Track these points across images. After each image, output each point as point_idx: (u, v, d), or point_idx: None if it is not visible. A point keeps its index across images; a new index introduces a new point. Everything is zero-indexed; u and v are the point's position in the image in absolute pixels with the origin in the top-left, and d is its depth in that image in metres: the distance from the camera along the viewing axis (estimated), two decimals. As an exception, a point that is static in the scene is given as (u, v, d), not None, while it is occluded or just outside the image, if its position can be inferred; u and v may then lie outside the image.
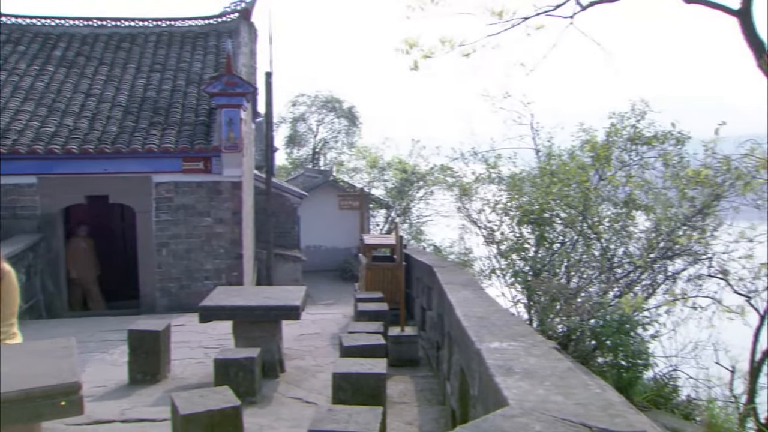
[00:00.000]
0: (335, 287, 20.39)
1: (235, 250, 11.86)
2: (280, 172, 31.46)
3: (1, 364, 3.22)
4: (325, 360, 6.96)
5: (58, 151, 11.22)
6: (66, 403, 3.00)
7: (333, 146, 37.66)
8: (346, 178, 26.11)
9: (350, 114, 36.76)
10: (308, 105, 37.17)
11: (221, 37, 15.30)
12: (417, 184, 24.32)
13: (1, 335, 3.81)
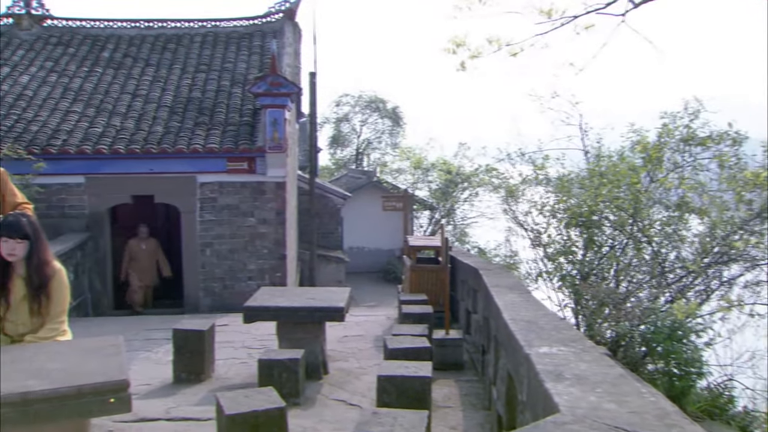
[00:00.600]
0: (378, 289, 20.44)
1: (279, 251, 11.98)
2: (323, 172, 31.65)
3: (53, 360, 3.32)
4: (368, 362, 6.97)
5: (106, 151, 11.49)
6: (115, 401, 3.07)
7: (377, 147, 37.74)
8: (390, 179, 26.19)
9: (394, 114, 36.78)
10: (352, 105, 37.32)
11: (266, 38, 15.48)
12: (461, 186, 24.26)
13: (51, 332, 3.92)
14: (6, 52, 14.74)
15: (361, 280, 20.68)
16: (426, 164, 25.59)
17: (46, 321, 3.94)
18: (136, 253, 12.26)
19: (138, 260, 12.23)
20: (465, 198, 24.81)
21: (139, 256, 12.25)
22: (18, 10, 15.63)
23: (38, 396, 2.92)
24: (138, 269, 12.19)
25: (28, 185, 10.04)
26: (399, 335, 6.21)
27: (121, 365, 3.28)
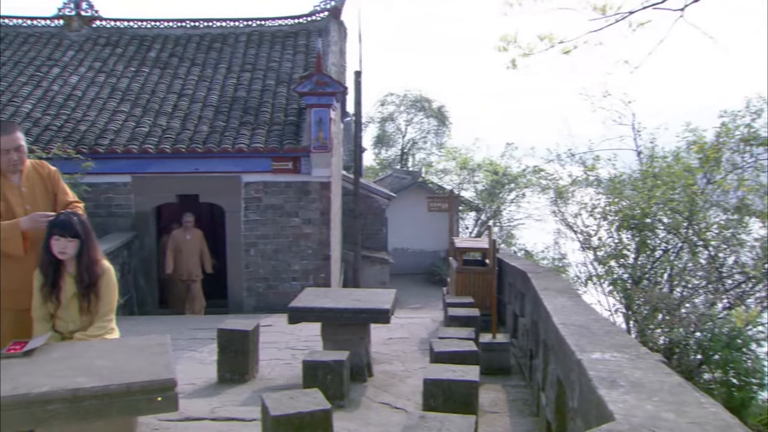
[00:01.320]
0: (423, 291, 20.42)
1: (323, 251, 12.06)
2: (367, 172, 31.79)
3: (102, 358, 3.40)
4: (413, 365, 6.96)
5: (152, 150, 11.73)
6: (162, 399, 3.13)
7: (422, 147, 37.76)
8: (435, 179, 26.14)
9: (440, 114, 36.72)
10: (397, 104, 37.40)
11: (311, 36, 15.61)
12: (508, 187, 24.08)
13: (100, 330, 4.02)
14: (56, 53, 15.18)
15: (406, 281, 20.70)
16: (472, 164, 25.46)
17: (95, 319, 4.05)
18: (179, 244, 11.70)
19: (181, 252, 11.68)
20: (512, 199, 24.63)
21: (182, 248, 11.68)
22: (68, 12, 16.09)
23: (88, 393, 2.99)
24: (181, 262, 11.67)
25: (77, 184, 10.30)
26: (445, 338, 6.18)
27: (169, 364, 3.34)
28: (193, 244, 11.74)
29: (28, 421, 2.93)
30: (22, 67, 14.58)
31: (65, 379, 3.10)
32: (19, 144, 4.20)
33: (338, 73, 13.52)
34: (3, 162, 4.20)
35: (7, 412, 2.88)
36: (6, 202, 4.22)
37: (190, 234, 11.76)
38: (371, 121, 37.79)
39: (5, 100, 13.23)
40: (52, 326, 4.04)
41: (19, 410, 2.89)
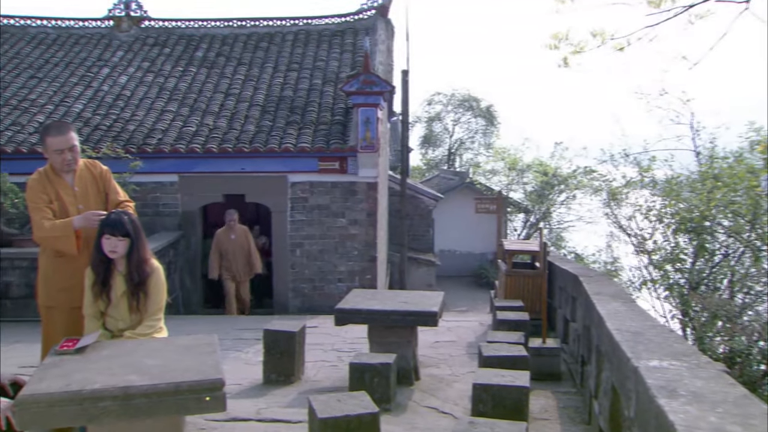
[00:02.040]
0: (469, 294, 20.32)
1: (369, 253, 12.09)
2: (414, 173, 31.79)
3: (151, 356, 3.47)
4: (461, 369, 6.93)
5: (199, 150, 11.92)
6: (210, 399, 3.18)
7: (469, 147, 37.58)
8: (483, 180, 25.99)
9: (488, 113, 36.49)
10: (444, 104, 37.31)
11: (358, 35, 15.69)
12: (558, 188, 23.79)
13: (149, 329, 4.10)
14: (106, 54, 15.57)
15: (452, 284, 20.62)
16: (521, 165, 25.24)
17: (143, 318, 4.13)
18: (224, 246, 11.31)
19: (227, 253, 11.29)
20: (562, 201, 24.33)
21: (227, 248, 11.28)
22: (118, 13, 16.51)
23: (138, 391, 3.05)
24: (228, 264, 11.30)
25: (125, 183, 10.53)
26: (494, 342, 6.14)
27: (217, 364, 3.39)
28: (239, 243, 11.32)
29: (81, 417, 3.01)
30: (74, 67, 15.00)
31: (116, 377, 3.17)
32: (72, 144, 4.32)
33: (385, 72, 13.54)
34: (57, 162, 4.33)
35: (61, 408, 2.96)
36: (60, 202, 4.34)
37: (235, 233, 11.35)
38: (418, 120, 37.76)
39: (57, 100, 13.63)
40: (102, 324, 4.13)
41: (72, 406, 2.97)
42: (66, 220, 4.23)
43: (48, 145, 4.30)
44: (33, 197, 4.33)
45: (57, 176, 4.39)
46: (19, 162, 11.61)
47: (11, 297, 9.71)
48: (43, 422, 3.00)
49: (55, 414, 2.97)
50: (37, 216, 4.26)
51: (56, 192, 4.35)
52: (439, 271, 20.48)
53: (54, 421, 3.02)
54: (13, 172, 10.70)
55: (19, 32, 16.63)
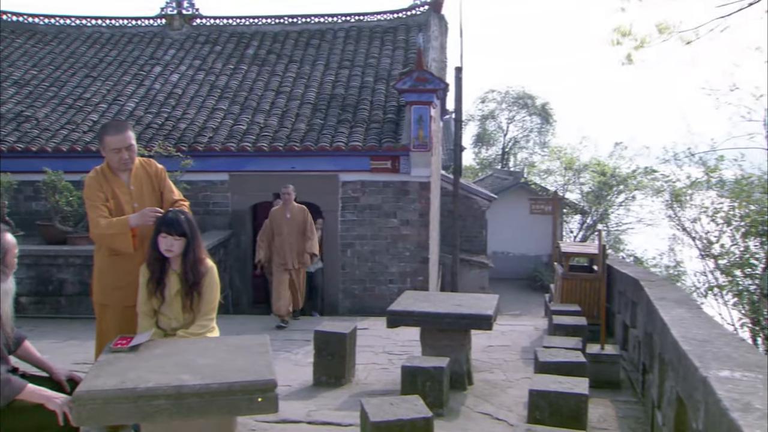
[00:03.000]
0: (523, 297, 20.12)
1: (421, 254, 12.07)
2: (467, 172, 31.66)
3: (203, 356, 3.52)
4: (515, 375, 6.86)
5: (250, 148, 12.07)
6: (262, 400, 3.21)
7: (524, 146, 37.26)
8: (538, 180, 25.69)
9: (544, 111, 36.12)
10: (498, 102, 37.06)
11: (410, 31, 15.69)
12: (617, 188, 23.36)
13: (202, 329, 4.16)
14: (158, 52, 15.90)
15: (505, 286, 20.42)
16: (578, 165, 24.85)
17: (196, 317, 4.19)
18: (278, 223, 9.84)
19: (282, 233, 9.78)
20: (620, 202, 23.91)
21: (281, 229, 9.80)
22: (170, 11, 16.85)
23: (191, 390, 3.10)
24: (281, 247, 9.78)
25: (176, 182, 10.67)
26: (550, 348, 6.06)
27: (269, 364, 3.42)
28: (296, 224, 9.83)
29: (135, 415, 3.07)
30: (127, 66, 15.37)
31: (169, 375, 3.22)
32: (130, 143, 4.42)
33: (439, 69, 13.50)
34: (114, 160, 4.43)
35: (115, 405, 3.02)
36: (115, 200, 4.45)
37: (291, 211, 9.88)
38: (471, 119, 37.61)
39: (111, 99, 13.99)
40: (155, 322, 4.22)
41: (127, 404, 3.03)
42: (122, 217, 4.32)
43: (106, 144, 4.40)
44: (90, 195, 4.43)
45: (113, 175, 4.49)
46: (74, 160, 11.96)
47: (65, 294, 9.99)
48: (99, 419, 3.07)
49: (110, 411, 3.04)
50: (94, 214, 4.36)
51: (112, 190, 4.46)
52: (492, 274, 20.30)
53: (109, 418, 3.09)
54: (68, 171, 11.02)
55: (75, 32, 17.12)
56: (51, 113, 13.60)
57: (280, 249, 9.78)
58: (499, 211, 22.69)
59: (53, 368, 3.74)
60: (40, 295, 10.04)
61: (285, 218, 9.82)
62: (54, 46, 16.47)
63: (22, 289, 9.55)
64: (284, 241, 9.76)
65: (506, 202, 23.33)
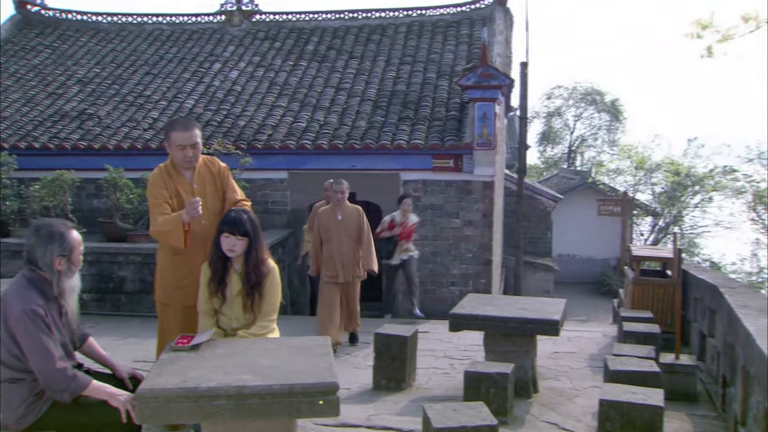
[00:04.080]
0: (589, 302, 19.78)
1: (484, 256, 11.98)
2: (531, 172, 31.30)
3: (264, 357, 3.56)
4: (582, 383, 6.75)
5: (309, 146, 12.18)
6: (324, 403, 3.22)
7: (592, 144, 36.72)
8: (607, 180, 25.25)
9: (613, 108, 35.50)
10: (565, 98, 36.60)
11: (475, 25, 15.60)
12: (692, 189, 22.78)
13: (263, 330, 4.21)
14: (218, 49, 16.21)
15: (571, 290, 20.10)
16: (650, 164, 24.32)
17: (257, 317, 4.24)
18: (327, 230, 8.17)
19: (330, 239, 8.14)
20: (696, 203, 23.31)
21: (330, 234, 8.15)
22: (230, 7, 17.16)
23: (252, 391, 3.13)
24: (329, 259, 8.14)
25: (235, 180, 10.90)
26: (621, 356, 5.93)
27: (331, 367, 3.43)
28: (349, 229, 8.22)
29: (196, 414, 3.12)
30: (186, 63, 15.72)
31: (230, 375, 3.26)
32: (195, 141, 4.50)
33: (504, 64, 13.38)
34: (178, 157, 4.51)
35: (177, 404, 3.08)
36: (178, 199, 4.52)
37: (344, 212, 8.24)
38: (536, 116, 37.22)
39: (171, 96, 14.32)
40: (215, 322, 4.28)
41: (188, 403, 3.09)
42: (176, 214, 4.38)
43: (172, 140, 4.49)
44: (153, 192, 4.53)
45: (177, 173, 4.58)
46: (135, 158, 12.31)
47: (125, 292, 10.26)
48: (161, 417, 3.13)
49: (171, 410, 3.09)
50: (154, 212, 4.45)
51: (175, 188, 4.53)
52: (557, 277, 20.06)
53: (170, 417, 3.15)
54: (128, 168, 11.33)
55: (136, 29, 17.60)
56: (113, 111, 14.01)
57: (329, 259, 8.16)
58: (564, 212, 22.38)
59: (116, 365, 3.85)
60: (101, 293, 10.34)
61: (335, 221, 8.18)
62: (116, 44, 16.97)
63: (84, 286, 9.76)
64: (334, 249, 8.14)
65: (573, 203, 23.00)
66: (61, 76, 15.61)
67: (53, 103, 14.47)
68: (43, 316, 3.37)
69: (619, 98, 36.06)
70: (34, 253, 3.51)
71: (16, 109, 14.31)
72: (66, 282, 3.55)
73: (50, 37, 17.46)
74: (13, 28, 17.79)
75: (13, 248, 10.51)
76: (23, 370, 3.39)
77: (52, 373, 3.31)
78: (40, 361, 3.31)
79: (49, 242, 3.49)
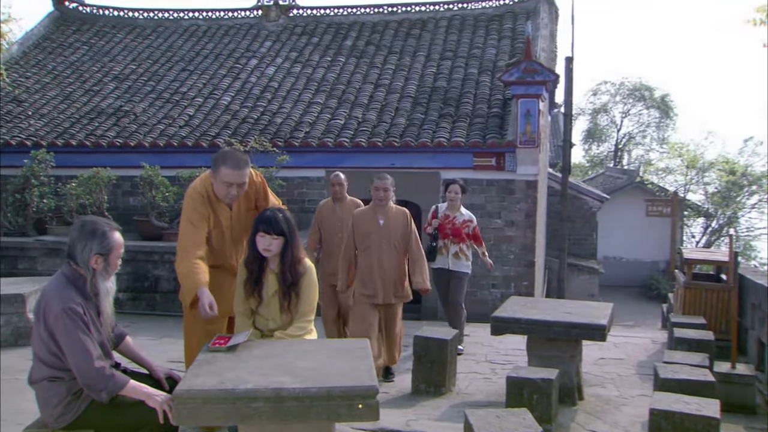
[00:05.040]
0: (637, 307, 19.58)
1: (527, 257, 11.89)
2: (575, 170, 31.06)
3: (302, 359, 3.58)
4: (630, 391, 6.67)
5: (347, 144, 12.22)
6: (363, 407, 3.22)
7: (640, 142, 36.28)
8: (656, 179, 24.97)
9: (663, 104, 35.01)
10: (612, 94, 36.21)
11: (518, 19, 15.51)
12: (749, 189, 22.37)
13: (300, 331, 4.22)
14: (254, 44, 16.35)
15: (616, 294, 19.85)
16: (702, 163, 23.95)
17: (294, 318, 4.26)
18: (365, 237, 6.74)
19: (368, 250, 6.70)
20: (753, 204, 22.90)
21: (371, 242, 6.71)
22: (267, 2, 17.30)
23: (290, 394, 3.15)
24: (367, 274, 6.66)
25: (272, 178, 11.00)
26: (672, 363, 5.85)
27: (370, 369, 3.43)
28: (393, 235, 6.76)
29: (233, 416, 3.15)
30: (223, 59, 15.88)
31: (268, 377, 3.28)
32: (243, 181, 4.45)
33: (548, 59, 13.27)
34: (221, 192, 4.45)
35: (214, 405, 3.11)
36: (215, 221, 4.54)
37: (387, 216, 6.80)
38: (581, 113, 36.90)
39: (207, 93, 14.49)
40: (252, 323, 4.32)
41: (225, 405, 3.11)
42: (198, 281, 4.27)
43: (220, 174, 4.40)
44: (189, 208, 4.48)
45: (217, 200, 4.54)
46: (171, 155, 12.48)
47: (160, 291, 10.42)
48: (198, 418, 3.17)
49: (208, 411, 3.12)
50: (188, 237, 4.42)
51: (214, 213, 4.53)
52: (603, 280, 19.82)
53: (207, 418, 3.18)
54: (164, 166, 11.48)
55: (172, 25, 17.86)
56: (149, 108, 14.21)
57: (366, 273, 6.69)
58: (611, 212, 22.13)
59: (153, 365, 3.90)
60: (136, 291, 10.52)
61: (376, 225, 6.77)
62: (152, 40, 17.22)
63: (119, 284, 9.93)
64: (373, 261, 6.68)
65: (619, 203, 22.74)
66: (97, 72, 15.90)
67: (90, 100, 14.74)
68: (82, 314, 3.43)
69: (670, 94, 35.60)
70: (74, 248, 3.57)
71: (53, 106, 14.62)
72: (101, 283, 3.61)
73: (87, 33, 17.80)
74: (51, 24, 18.19)
75: (50, 246, 10.75)
76: (62, 369, 3.45)
77: (90, 372, 3.37)
78: (78, 359, 3.37)
79: (89, 239, 3.55)
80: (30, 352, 3.67)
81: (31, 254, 10.92)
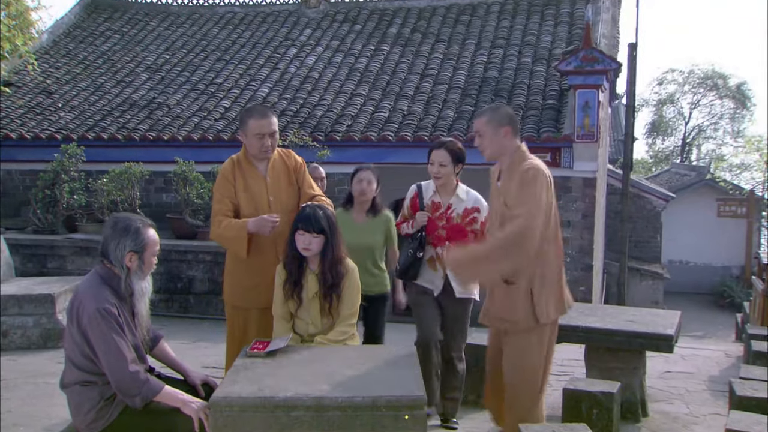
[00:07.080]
0: (706, 316, 19.26)
1: (584, 260, 11.78)
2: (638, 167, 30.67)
3: (345, 366, 3.60)
4: (702, 409, 6.56)
5: (392, 138, 12.23)
6: (409, 418, 3.23)
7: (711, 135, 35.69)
8: (729, 176, 24.56)
9: (738, 93, 34.34)
10: (680, 83, 35.67)
11: (576, 3, 15.36)
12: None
13: (342, 335, 4.25)
14: (294, 32, 16.47)
15: (684, 302, 19.55)
16: (781, 158, 23.52)
17: (335, 322, 4.29)
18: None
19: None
20: None
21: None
22: (308, -13, 17.39)
23: (332, 403, 3.18)
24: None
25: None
26: (749, 379, 5.72)
27: (418, 379, 3.44)
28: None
29: (272, 425, 3.19)
30: (260, 48, 16.03)
31: (308, 385, 3.32)
32: (274, 129, 4.56)
33: (609, 46, 13.13)
34: (255, 147, 4.57)
35: (252, 413, 3.16)
36: (249, 192, 4.60)
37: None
38: (645, 104, 36.47)
39: (243, 84, 14.63)
40: (291, 327, 4.35)
41: (264, 413, 3.16)
42: (241, 221, 4.44)
43: (249, 128, 4.55)
44: (219, 188, 4.64)
45: (249, 164, 4.66)
46: (205, 150, 12.60)
47: (194, 293, 10.55)
48: (235, 427, 3.21)
49: (246, 419, 3.17)
50: (217, 212, 4.57)
51: (245, 181, 4.61)
52: (668, 286, 19.56)
53: (245, 427, 3.22)
54: (199, 161, 11.62)
55: (208, 12, 18.09)
56: (183, 100, 14.41)
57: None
58: (677, 212, 21.83)
59: (188, 371, 3.96)
60: (169, 293, 10.66)
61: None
62: (186, 28, 17.47)
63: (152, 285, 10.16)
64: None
65: (687, 203, 22.42)
66: (130, 62, 16.17)
67: (121, 91, 14.99)
68: (116, 315, 3.50)
69: (747, 82, 35.15)
70: (107, 246, 3.64)
71: (84, 98, 14.91)
72: (136, 283, 3.67)
73: (119, 21, 18.14)
74: (82, 12, 18.59)
75: (80, 244, 10.94)
76: (95, 373, 3.53)
77: (124, 376, 3.43)
78: (112, 362, 3.44)
79: (123, 236, 3.62)
80: (59, 354, 3.75)
81: (61, 253, 11.13)
